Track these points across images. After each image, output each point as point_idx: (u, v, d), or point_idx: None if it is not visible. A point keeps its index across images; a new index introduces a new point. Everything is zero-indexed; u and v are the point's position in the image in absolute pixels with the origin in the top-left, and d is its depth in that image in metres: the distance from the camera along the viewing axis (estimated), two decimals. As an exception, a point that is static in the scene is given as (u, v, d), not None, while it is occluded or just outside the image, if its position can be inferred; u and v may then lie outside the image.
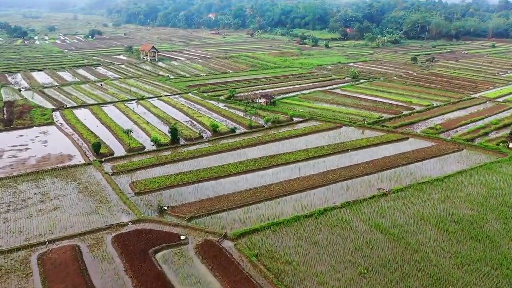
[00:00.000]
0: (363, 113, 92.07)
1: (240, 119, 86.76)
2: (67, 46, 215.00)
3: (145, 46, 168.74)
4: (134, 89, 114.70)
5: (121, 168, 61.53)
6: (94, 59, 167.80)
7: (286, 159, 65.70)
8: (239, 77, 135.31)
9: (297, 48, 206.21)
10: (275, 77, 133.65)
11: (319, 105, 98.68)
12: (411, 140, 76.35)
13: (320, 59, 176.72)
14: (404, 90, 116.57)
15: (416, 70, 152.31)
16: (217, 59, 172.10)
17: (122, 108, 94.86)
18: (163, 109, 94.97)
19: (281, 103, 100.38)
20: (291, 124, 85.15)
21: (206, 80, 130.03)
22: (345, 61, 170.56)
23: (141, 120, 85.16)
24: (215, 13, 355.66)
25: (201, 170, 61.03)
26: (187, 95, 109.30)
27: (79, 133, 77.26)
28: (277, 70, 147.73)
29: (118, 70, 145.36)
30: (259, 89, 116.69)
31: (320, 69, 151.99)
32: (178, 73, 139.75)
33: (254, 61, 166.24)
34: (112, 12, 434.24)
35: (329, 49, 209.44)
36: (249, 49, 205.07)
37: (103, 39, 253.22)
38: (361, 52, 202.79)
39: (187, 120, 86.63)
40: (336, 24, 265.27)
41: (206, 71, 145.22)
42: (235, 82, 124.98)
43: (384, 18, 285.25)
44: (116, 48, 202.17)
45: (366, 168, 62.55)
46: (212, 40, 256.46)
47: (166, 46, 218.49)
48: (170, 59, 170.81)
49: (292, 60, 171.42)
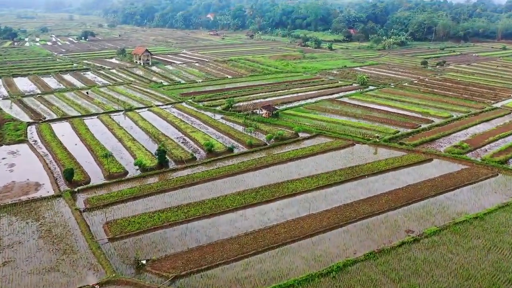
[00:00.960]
0: (377, 126, 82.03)
1: (239, 135, 76.69)
2: (58, 48, 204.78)
3: (138, 49, 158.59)
4: (123, 98, 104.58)
5: (96, 202, 51.37)
6: (84, 63, 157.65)
7: (292, 188, 55.61)
8: (238, 83, 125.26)
9: (299, 50, 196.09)
10: (277, 84, 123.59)
11: (326, 117, 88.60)
12: (435, 162, 66.21)
13: (324, 62, 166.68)
14: (418, 99, 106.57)
15: (428, 75, 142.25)
16: (215, 63, 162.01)
17: (106, 122, 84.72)
18: (153, 122, 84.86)
19: (284, 115, 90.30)
20: (296, 141, 74.98)
21: (202, 87, 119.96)
22: (350, 65, 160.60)
23: (126, 137, 75.01)
24: (214, 14, 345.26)
25: (191, 205, 50.91)
26: (181, 105, 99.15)
27: (54, 153, 67.10)
28: (279, 76, 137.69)
29: (108, 75, 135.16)
30: (260, 97, 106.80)
31: (325, 74, 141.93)
32: (172, 79, 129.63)
33: (254, 65, 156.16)
34: (108, 12, 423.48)
35: (333, 52, 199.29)
36: (249, 52, 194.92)
37: (96, 40, 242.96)
38: (366, 54, 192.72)
39: (179, 137, 76.49)
40: (339, 25, 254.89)
41: (202, 76, 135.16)
42: (234, 90, 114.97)
43: (389, 18, 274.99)
44: (108, 51, 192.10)
45: (389, 201, 52.42)
46: (210, 41, 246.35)
47: (162, 48, 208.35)
48: (165, 63, 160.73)
49: (295, 64, 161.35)
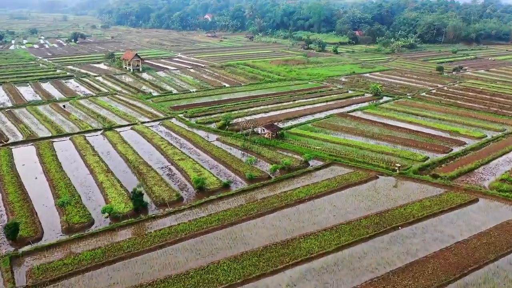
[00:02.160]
0: (401, 151, 68.86)
1: (237, 164, 63.44)
2: (44, 52, 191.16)
3: (128, 54, 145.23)
4: (104, 113, 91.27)
5: (43, 275, 38.06)
6: (68, 69, 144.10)
7: (306, 249, 42.26)
8: (237, 93, 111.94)
9: (303, 54, 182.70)
10: (280, 94, 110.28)
11: (340, 138, 75.37)
12: (483, 204, 52.91)
13: (330, 68, 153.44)
14: (441, 113, 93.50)
15: (446, 82, 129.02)
16: (211, 69, 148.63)
17: (80, 145, 71.32)
18: (135, 145, 71.58)
19: (290, 135, 77.06)
20: (307, 173, 61.79)
21: (196, 98, 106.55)
22: (359, 71, 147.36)
23: (99, 167, 61.68)
24: (212, 14, 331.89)
25: (170, 281, 37.54)
26: (170, 122, 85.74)
27: (5, 193, 53.78)
28: (281, 84, 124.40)
29: (92, 84, 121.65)
30: (261, 111, 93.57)
31: (332, 81, 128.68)
32: (163, 88, 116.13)
33: (254, 71, 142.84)
34: (103, 12, 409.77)
35: (338, 55, 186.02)
36: (248, 56, 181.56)
37: (87, 43, 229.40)
38: (374, 59, 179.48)
39: (164, 166, 63.24)
40: (344, 26, 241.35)
41: (197, 85, 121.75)
42: (232, 102, 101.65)
43: (395, 19, 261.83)
44: (98, 55, 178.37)
45: (437, 271, 39.15)
46: (208, 44, 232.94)
47: (155, 52, 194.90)
48: (157, 69, 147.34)
49: (298, 70, 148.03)
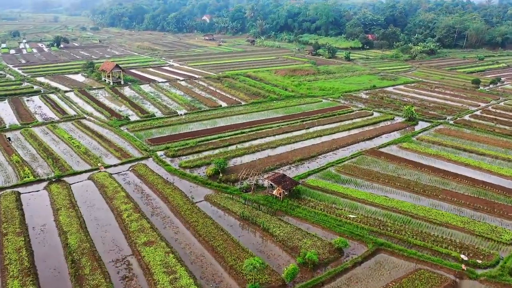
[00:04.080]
0: (472, 222, 46.86)
1: (234, 252, 41.34)
2: (18, 59, 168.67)
3: (107, 64, 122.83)
4: (60, 149, 69.11)
5: None
6: (37, 82, 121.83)
7: None
8: (235, 117, 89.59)
9: (311, 62, 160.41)
10: (290, 118, 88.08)
11: (379, 196, 53.36)
12: None
13: (345, 79, 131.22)
14: (502, 148, 71.61)
15: (489, 100, 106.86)
16: (206, 81, 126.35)
17: (4, 212, 49.15)
18: (86, 213, 49.47)
19: (309, 190, 55.02)
20: (342, 273, 39.58)
21: (184, 125, 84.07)
22: (380, 84, 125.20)
23: (16, 264, 39.46)
24: (210, 15, 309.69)
25: None
26: (143, 167, 63.17)
27: None
28: (290, 103, 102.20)
29: (58, 103, 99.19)
30: (266, 146, 71.37)
31: (350, 98, 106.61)
32: (144, 110, 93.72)
33: (257, 84, 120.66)
34: (95, 13, 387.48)
35: (351, 63, 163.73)
36: (250, 64, 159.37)
37: (70, 48, 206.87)
38: (393, 67, 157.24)
39: (120, 259, 41.03)
40: (355, 29, 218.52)
41: (187, 104, 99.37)
42: (229, 131, 79.40)
43: (409, 21, 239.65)
44: (77, 63, 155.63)
45: None
46: (205, 49, 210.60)
47: (144, 59, 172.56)
48: (142, 81, 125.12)
49: (308, 82, 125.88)
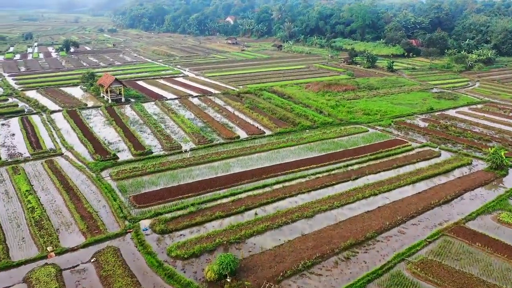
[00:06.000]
0: None
1: None
2: (18, 66, 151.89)
3: (105, 77, 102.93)
4: (5, 215, 48.78)
5: None
6: (25, 97, 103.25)
7: None
8: (255, 155, 67.29)
9: (348, 73, 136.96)
10: (328, 160, 65.26)
11: None
12: None
13: (392, 98, 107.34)
14: None
15: None
16: (223, 99, 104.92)
17: None
18: None
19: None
20: None
21: (187, 168, 62.54)
22: (437, 105, 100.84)
23: None
24: (235, 17, 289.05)
25: None
26: (114, 255, 41.75)
27: None
28: (327, 134, 79.21)
29: (37, 130, 79.44)
30: (297, 213, 48.84)
31: (404, 127, 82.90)
32: (140, 143, 72.67)
33: (284, 104, 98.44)
34: (117, 14, 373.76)
35: (395, 74, 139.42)
36: (276, 74, 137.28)
37: (79, 53, 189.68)
38: (447, 80, 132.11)
39: None
40: (396, 33, 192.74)
41: (196, 133, 77.87)
42: (245, 181, 57.43)
43: (457, 24, 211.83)
44: (80, 72, 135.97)
45: None
46: (226, 54, 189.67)
47: (156, 67, 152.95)
48: (147, 98, 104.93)
49: (348, 101, 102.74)
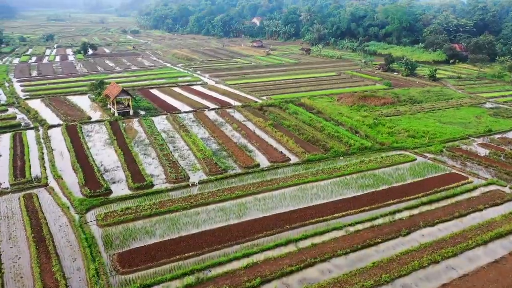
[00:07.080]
0: None
1: None
2: (30, 70, 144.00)
3: (112, 87, 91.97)
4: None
5: None
6: (26, 108, 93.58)
7: None
8: (279, 193, 54.18)
9: (385, 83, 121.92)
10: (368, 203, 51.46)
11: None
12: None
13: (440, 114, 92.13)
14: None
15: None
16: (243, 113, 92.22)
17: None
18: None
19: None
20: None
21: (193, 210, 50.14)
22: (496, 125, 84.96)
23: None
24: (261, 18, 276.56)
25: None
26: None
27: None
28: (366, 164, 65.11)
29: (26, 151, 69.04)
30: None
31: (460, 154, 67.86)
32: (140, 172, 60.74)
33: (313, 121, 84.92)
34: (141, 14, 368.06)
35: (438, 84, 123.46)
36: (303, 83, 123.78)
37: (97, 55, 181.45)
38: (501, 92, 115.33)
39: None
40: (437, 37, 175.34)
41: (207, 159, 65.39)
42: (263, 234, 44.32)
43: (504, 27, 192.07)
44: (93, 78, 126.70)
45: None
46: (250, 59, 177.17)
47: (175, 72, 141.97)
48: (158, 110, 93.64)
49: (387, 118, 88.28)
